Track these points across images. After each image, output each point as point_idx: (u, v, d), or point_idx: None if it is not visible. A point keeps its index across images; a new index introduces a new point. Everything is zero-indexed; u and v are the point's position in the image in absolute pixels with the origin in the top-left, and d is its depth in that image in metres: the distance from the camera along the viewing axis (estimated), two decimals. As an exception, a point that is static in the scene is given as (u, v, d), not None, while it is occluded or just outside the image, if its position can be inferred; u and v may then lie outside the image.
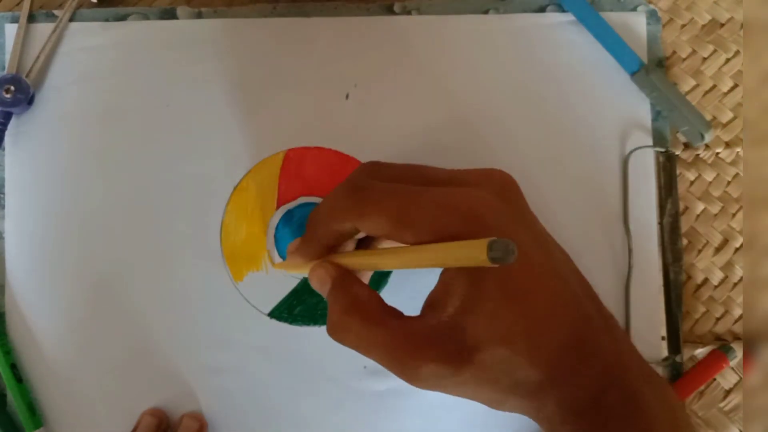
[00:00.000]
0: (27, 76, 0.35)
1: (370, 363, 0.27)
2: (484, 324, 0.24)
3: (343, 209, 0.27)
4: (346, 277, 0.27)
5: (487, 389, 0.25)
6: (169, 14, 0.36)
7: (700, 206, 0.37)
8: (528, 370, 0.24)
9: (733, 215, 0.37)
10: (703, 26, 0.38)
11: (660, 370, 0.35)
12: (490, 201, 0.25)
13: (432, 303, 0.25)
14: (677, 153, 0.36)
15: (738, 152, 0.37)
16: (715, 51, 0.38)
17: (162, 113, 0.36)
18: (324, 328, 0.31)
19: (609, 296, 0.35)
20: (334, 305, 0.26)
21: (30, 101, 0.35)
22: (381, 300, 0.26)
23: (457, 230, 0.24)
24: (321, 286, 0.28)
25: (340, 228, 0.27)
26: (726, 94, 0.37)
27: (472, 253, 0.21)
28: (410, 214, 0.25)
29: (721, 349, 0.35)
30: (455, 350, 0.24)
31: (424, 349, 0.24)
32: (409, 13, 0.37)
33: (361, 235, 0.29)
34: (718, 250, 0.36)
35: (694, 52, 0.38)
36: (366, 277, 0.31)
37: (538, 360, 0.24)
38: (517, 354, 0.24)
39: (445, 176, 0.27)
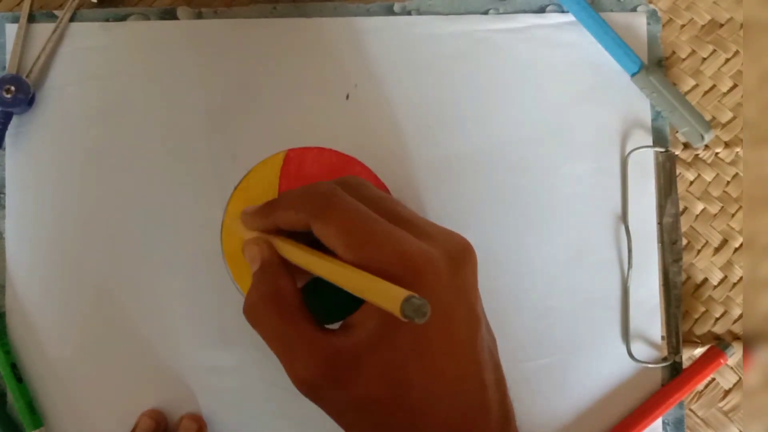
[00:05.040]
0: (27, 76, 0.35)
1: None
2: (379, 368, 0.24)
3: (306, 203, 0.27)
4: (275, 265, 0.28)
5: (367, 429, 0.25)
6: (170, 14, 0.36)
7: (699, 206, 0.37)
8: None
9: (733, 215, 0.37)
10: (703, 26, 0.38)
11: (659, 370, 0.35)
12: (439, 264, 0.25)
13: (347, 325, 0.26)
14: (677, 153, 0.36)
15: (737, 152, 0.37)
16: (714, 51, 0.38)
17: (162, 113, 0.36)
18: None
19: (609, 296, 0.35)
20: (256, 288, 0.27)
21: (30, 101, 0.35)
22: (301, 301, 0.27)
23: (394, 274, 0.24)
24: (251, 261, 0.29)
25: (295, 218, 0.27)
26: (725, 94, 0.37)
27: (389, 298, 0.22)
28: (360, 238, 0.25)
29: (719, 345, 0.35)
30: (344, 378, 0.24)
31: (317, 361, 0.24)
32: (409, 13, 0.37)
33: None
34: (717, 250, 0.36)
35: (693, 52, 0.38)
36: (303, 280, 0.31)
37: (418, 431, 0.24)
38: (396, 418, 0.24)
39: (411, 220, 0.27)
